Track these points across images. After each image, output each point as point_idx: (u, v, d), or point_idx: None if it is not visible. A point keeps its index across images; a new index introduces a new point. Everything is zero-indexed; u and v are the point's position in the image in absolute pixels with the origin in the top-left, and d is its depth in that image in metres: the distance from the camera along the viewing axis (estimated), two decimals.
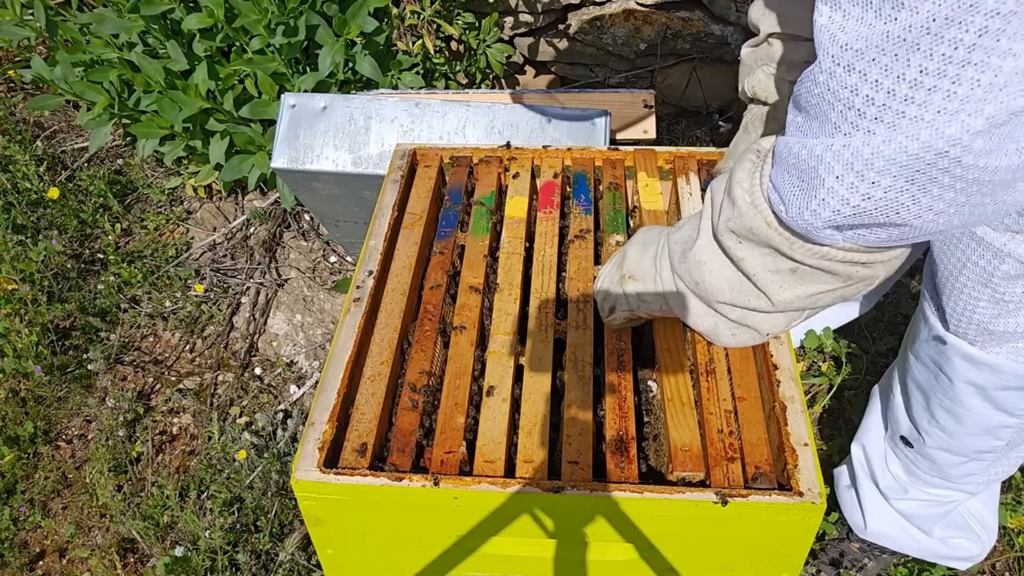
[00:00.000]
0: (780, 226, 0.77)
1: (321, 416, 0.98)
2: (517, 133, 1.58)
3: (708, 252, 0.88)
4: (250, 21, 1.89)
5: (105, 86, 2.19)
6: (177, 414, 2.21)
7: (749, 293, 0.87)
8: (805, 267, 0.80)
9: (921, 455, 1.39)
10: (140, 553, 1.95)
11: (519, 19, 2.50)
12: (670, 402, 0.99)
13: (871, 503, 1.57)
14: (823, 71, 0.65)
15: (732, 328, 0.94)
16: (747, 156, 0.83)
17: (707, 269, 0.89)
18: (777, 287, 0.83)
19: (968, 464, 1.35)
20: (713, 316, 0.94)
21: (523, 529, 0.94)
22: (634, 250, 1.05)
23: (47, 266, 2.43)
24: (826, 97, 0.65)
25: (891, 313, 2.19)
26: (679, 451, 0.93)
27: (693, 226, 0.94)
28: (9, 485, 2.07)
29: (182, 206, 2.67)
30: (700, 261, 0.89)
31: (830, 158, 0.66)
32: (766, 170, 0.78)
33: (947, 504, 1.47)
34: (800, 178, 0.71)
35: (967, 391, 1.21)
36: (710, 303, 0.92)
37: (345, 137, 1.65)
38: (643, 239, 1.06)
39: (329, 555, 1.04)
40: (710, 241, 0.88)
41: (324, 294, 2.43)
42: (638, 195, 1.29)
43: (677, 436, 0.95)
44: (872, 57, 0.60)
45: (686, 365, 1.04)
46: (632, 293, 1.03)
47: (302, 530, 1.88)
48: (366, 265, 1.18)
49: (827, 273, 0.79)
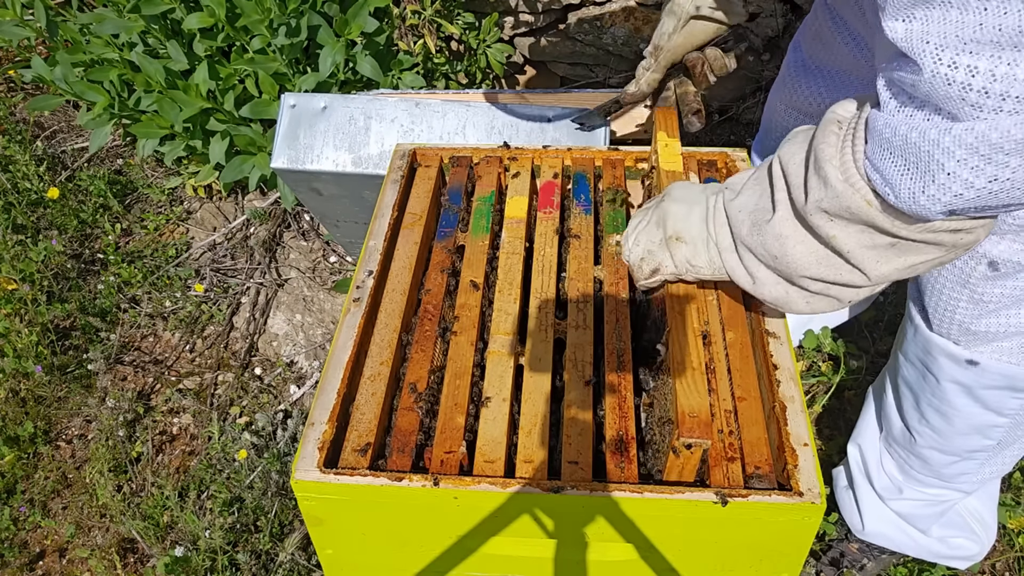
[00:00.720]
0: (883, 205, 0.74)
1: (321, 416, 0.98)
2: (517, 133, 1.58)
3: (789, 227, 0.84)
4: (252, 21, 1.90)
5: (105, 86, 2.19)
6: (177, 414, 2.21)
7: (840, 268, 0.83)
8: (907, 241, 0.77)
9: (914, 455, 1.39)
10: (140, 553, 1.95)
11: (519, 19, 2.50)
12: (679, 366, 0.95)
13: (868, 503, 1.57)
14: (926, 69, 0.63)
15: (808, 297, 0.90)
16: (828, 128, 0.78)
17: (789, 244, 0.85)
18: (873, 262, 0.80)
19: (960, 463, 1.35)
20: (785, 285, 0.90)
21: (523, 529, 0.94)
22: (677, 208, 0.99)
23: (47, 266, 2.43)
24: (936, 89, 0.63)
25: (891, 313, 2.19)
26: (687, 417, 0.88)
27: (757, 194, 0.89)
28: (9, 485, 2.07)
29: (182, 206, 2.67)
30: (781, 235, 0.85)
31: (949, 142, 0.64)
32: (858, 146, 0.75)
33: (943, 503, 1.47)
34: (910, 161, 0.68)
35: (954, 390, 1.21)
36: (790, 277, 0.88)
37: (345, 137, 1.65)
38: (684, 195, 1.00)
39: (329, 555, 1.04)
40: (790, 216, 0.84)
41: (324, 294, 2.43)
42: (657, 155, 1.24)
43: (686, 401, 0.90)
44: (976, 50, 0.59)
45: (697, 330, 1.01)
46: (681, 257, 0.98)
47: (302, 530, 1.88)
48: (366, 265, 1.18)
49: (931, 244, 0.77)
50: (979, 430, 1.25)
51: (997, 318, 1.11)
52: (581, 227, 1.24)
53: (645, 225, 1.05)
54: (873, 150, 0.72)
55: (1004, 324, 1.10)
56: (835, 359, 2.09)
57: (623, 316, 1.10)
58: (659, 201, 1.05)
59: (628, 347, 1.06)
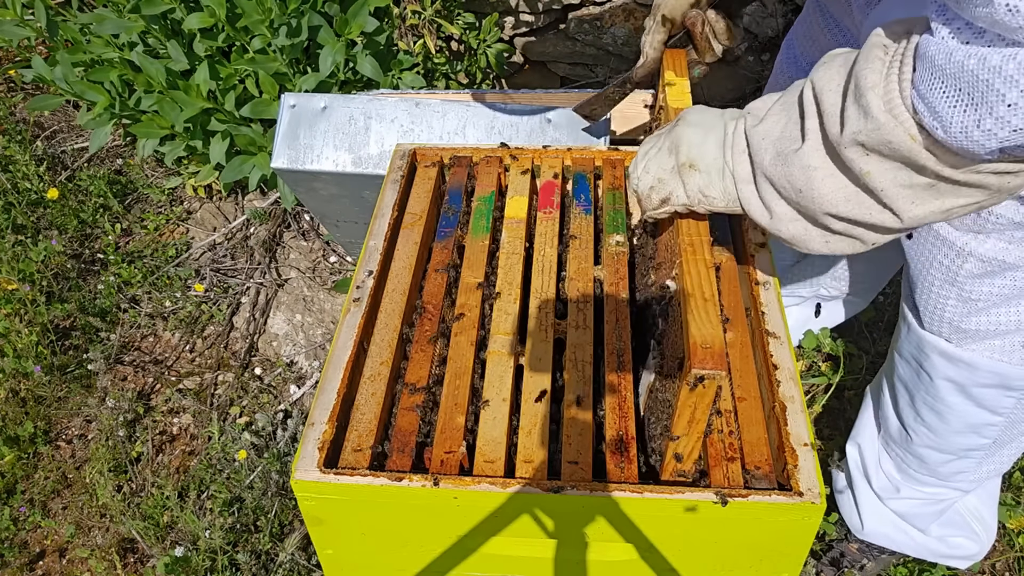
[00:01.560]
0: (927, 140, 0.68)
1: (321, 416, 0.98)
2: (517, 133, 1.58)
3: (819, 158, 0.77)
4: (253, 21, 1.90)
5: (105, 86, 2.19)
6: (177, 414, 2.21)
7: (870, 208, 0.77)
8: (948, 183, 0.71)
9: (911, 453, 1.39)
10: (140, 553, 1.95)
11: (519, 19, 2.50)
12: (691, 297, 0.89)
13: (867, 503, 1.57)
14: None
15: (828, 237, 0.83)
16: (872, 53, 0.71)
17: (817, 177, 0.78)
18: (908, 203, 0.74)
19: (956, 462, 1.35)
20: (804, 223, 0.83)
21: (523, 529, 0.94)
22: (691, 133, 0.92)
23: (47, 266, 2.43)
24: (999, 16, 0.57)
25: (891, 313, 2.19)
26: (699, 348, 0.82)
27: (783, 121, 0.83)
28: (9, 485, 2.07)
29: (182, 206, 2.67)
30: (809, 167, 0.78)
31: (1013, 69, 0.58)
32: (905, 74, 0.68)
33: (941, 502, 1.47)
34: (964, 91, 0.62)
35: (947, 388, 1.21)
36: (813, 214, 0.81)
37: (345, 137, 1.65)
38: (700, 120, 0.93)
39: (329, 555, 1.04)
40: (820, 148, 0.77)
41: (324, 294, 2.43)
42: (664, 94, 1.19)
43: (698, 332, 0.84)
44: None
45: (709, 262, 0.94)
46: (694, 186, 0.91)
47: (302, 530, 1.88)
48: (366, 265, 1.18)
49: (973, 187, 0.71)
50: (974, 428, 1.25)
51: (987, 316, 1.10)
52: (581, 227, 1.24)
53: (656, 152, 0.96)
54: (922, 78, 0.66)
55: (994, 322, 1.09)
56: (835, 359, 2.09)
57: (623, 316, 1.10)
58: (672, 126, 0.96)
59: (628, 347, 1.06)
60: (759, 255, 1.14)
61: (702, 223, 0.98)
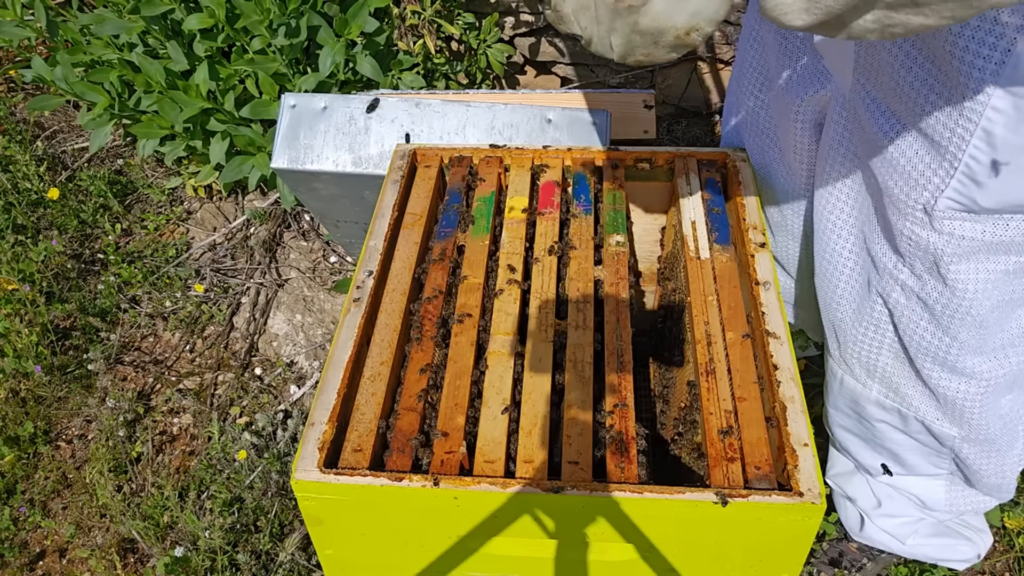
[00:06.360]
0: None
1: (321, 416, 0.98)
2: (517, 133, 1.58)
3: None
4: (252, 22, 1.90)
5: (105, 86, 2.19)
6: (177, 414, 2.21)
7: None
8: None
9: (879, 484, 1.42)
10: (140, 553, 1.95)
11: (520, 19, 2.50)
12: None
13: (855, 516, 1.59)
14: None
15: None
16: None
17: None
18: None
19: (926, 482, 1.37)
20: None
21: (523, 529, 0.94)
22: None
23: (47, 266, 2.43)
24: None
25: None
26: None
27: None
28: (9, 485, 2.07)
29: (182, 206, 2.67)
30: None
31: None
32: None
33: (922, 521, 1.49)
34: None
35: (888, 430, 1.26)
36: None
37: (345, 137, 1.65)
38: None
39: (329, 555, 1.04)
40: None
41: (324, 294, 2.43)
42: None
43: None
44: None
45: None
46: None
47: (302, 530, 1.88)
48: (366, 265, 1.18)
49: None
50: (927, 458, 1.27)
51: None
52: (581, 227, 1.24)
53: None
54: None
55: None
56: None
57: (623, 316, 1.10)
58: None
59: (628, 347, 1.06)
60: (759, 255, 1.14)
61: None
